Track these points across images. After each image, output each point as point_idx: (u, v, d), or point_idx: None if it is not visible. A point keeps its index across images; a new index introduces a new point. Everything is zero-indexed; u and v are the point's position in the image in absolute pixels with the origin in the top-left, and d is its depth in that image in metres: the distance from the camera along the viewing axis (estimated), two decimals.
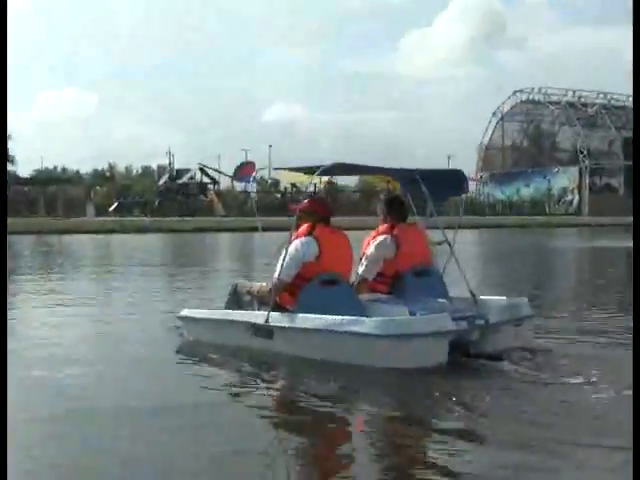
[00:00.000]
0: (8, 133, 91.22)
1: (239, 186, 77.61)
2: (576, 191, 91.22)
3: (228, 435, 4.81)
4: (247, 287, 7.46)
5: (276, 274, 6.73)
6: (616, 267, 18.85)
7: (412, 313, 6.56)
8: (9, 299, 10.77)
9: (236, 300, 7.48)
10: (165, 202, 74.10)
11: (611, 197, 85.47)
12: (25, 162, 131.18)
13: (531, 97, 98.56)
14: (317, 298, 6.66)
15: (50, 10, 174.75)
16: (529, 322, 7.14)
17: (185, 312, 7.91)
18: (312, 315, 6.49)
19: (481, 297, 7.33)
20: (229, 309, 7.45)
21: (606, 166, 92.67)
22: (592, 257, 25.02)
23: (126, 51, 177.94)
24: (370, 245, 7.31)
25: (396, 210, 7.48)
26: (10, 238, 35.92)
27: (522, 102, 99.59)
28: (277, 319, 6.69)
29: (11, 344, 7.15)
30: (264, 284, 7.22)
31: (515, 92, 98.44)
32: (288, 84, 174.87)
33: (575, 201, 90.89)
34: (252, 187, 8.58)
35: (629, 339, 7.27)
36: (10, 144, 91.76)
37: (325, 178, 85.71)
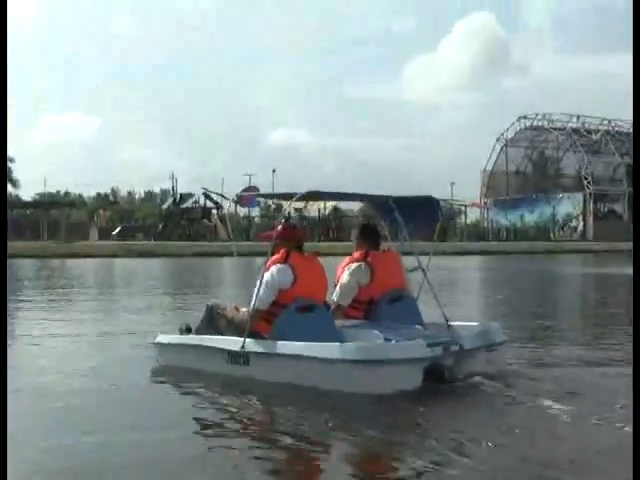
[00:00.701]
0: (11, 156, 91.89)
1: (242, 211, 77.84)
2: (580, 217, 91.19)
3: (200, 464, 4.77)
4: (221, 309, 7.32)
5: (252, 301, 6.72)
6: (617, 294, 18.65)
7: (387, 339, 6.57)
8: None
9: (210, 322, 7.35)
10: (169, 226, 74.09)
11: (615, 223, 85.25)
12: (27, 185, 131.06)
13: (535, 123, 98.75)
14: (293, 324, 6.65)
15: (54, 32, 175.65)
16: (502, 348, 7.14)
17: (159, 338, 7.82)
18: (287, 342, 6.49)
19: (455, 323, 7.34)
20: (202, 331, 7.35)
21: (610, 192, 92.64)
22: (594, 284, 24.80)
23: (128, 75, 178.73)
24: (344, 272, 7.33)
25: (369, 237, 7.53)
26: (13, 262, 35.92)
27: (526, 128, 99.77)
28: (253, 345, 6.66)
29: None
30: (238, 307, 7.20)
31: (519, 118, 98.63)
32: (292, 109, 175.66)
33: (580, 227, 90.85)
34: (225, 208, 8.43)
35: (618, 365, 7.40)
36: (13, 167, 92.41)
37: (330, 204, 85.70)
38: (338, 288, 7.27)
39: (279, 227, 7.09)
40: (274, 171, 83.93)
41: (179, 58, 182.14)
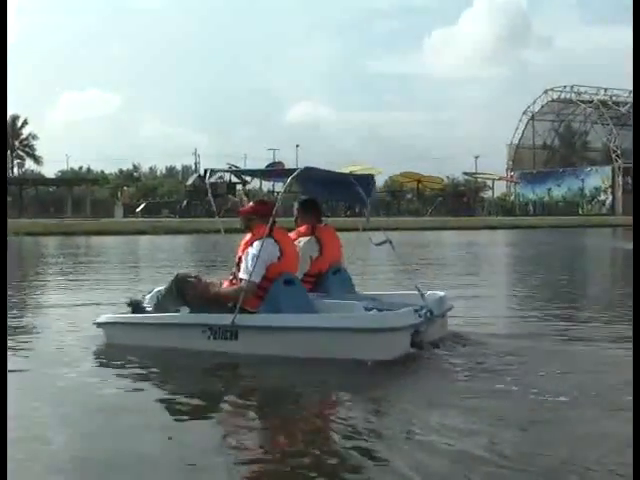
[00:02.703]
0: (34, 133, 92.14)
1: (266, 186, 77.49)
2: (609, 191, 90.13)
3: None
4: (191, 280, 7.23)
5: (244, 275, 6.82)
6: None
7: (367, 309, 7.12)
8: None
9: (178, 293, 7.16)
10: (193, 202, 73.77)
11: None
12: (50, 162, 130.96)
13: (562, 96, 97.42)
14: (282, 298, 6.88)
15: (74, 10, 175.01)
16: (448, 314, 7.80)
17: (106, 317, 7.62)
18: (287, 315, 6.78)
19: (406, 292, 7.90)
20: (169, 302, 7.19)
21: None
22: (623, 259, 24.15)
23: (148, 51, 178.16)
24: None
25: (315, 212, 7.86)
26: (39, 239, 35.80)
27: (553, 101, 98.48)
28: (245, 320, 6.74)
29: None
30: (214, 282, 7.28)
31: (546, 91, 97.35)
32: (313, 84, 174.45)
33: (608, 201, 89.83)
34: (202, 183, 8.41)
35: (593, 339, 7.77)
36: (36, 144, 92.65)
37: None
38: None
39: (250, 203, 7.41)
40: (297, 146, 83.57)
41: (198, 34, 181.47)
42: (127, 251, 29.29)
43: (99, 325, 7.59)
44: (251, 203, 7.35)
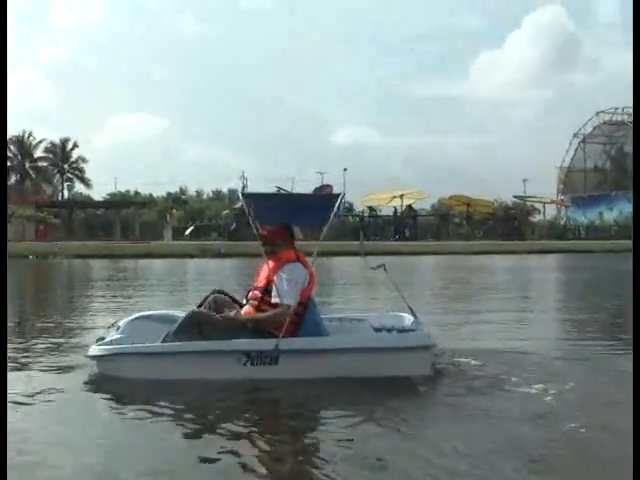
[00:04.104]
0: (83, 156, 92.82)
1: None
2: None
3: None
4: (215, 318, 6.95)
5: (287, 301, 6.81)
6: None
7: (377, 330, 7.46)
8: None
9: (194, 329, 6.80)
10: (240, 225, 74.03)
11: None
12: (98, 185, 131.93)
13: (614, 118, 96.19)
14: (318, 320, 7.07)
15: (120, 33, 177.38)
16: None
17: (100, 349, 6.95)
18: (335, 337, 7.08)
19: (391, 313, 8.15)
20: (183, 336, 6.77)
21: None
22: None
23: (195, 76, 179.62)
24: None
25: (292, 237, 7.41)
26: (88, 262, 35.90)
27: (604, 123, 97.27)
28: (290, 344, 6.71)
29: None
30: (234, 311, 7.13)
31: (597, 113, 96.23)
32: (357, 107, 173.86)
33: None
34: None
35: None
36: (86, 167, 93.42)
37: (405, 202, 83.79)
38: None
39: (269, 228, 7.17)
40: (345, 170, 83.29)
41: (243, 60, 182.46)
42: (176, 274, 29.15)
43: (94, 358, 7.02)
44: (270, 228, 7.17)
